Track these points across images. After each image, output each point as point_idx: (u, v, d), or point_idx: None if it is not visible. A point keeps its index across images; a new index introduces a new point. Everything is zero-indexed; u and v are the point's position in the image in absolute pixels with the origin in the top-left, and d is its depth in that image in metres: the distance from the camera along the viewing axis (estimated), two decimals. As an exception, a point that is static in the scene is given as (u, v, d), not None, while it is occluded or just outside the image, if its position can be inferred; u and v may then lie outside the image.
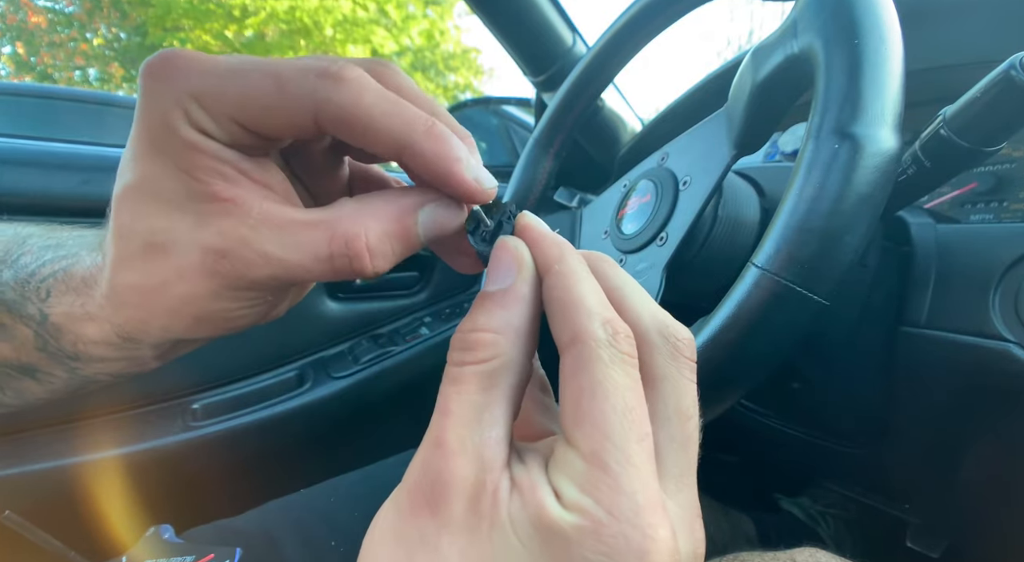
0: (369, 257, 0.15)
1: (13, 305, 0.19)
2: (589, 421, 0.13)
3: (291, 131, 0.15)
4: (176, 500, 0.56)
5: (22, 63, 7.67)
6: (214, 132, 0.14)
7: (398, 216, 0.15)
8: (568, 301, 0.14)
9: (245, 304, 0.16)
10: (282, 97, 0.14)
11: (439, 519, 0.13)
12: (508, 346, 0.14)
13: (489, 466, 0.13)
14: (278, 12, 7.46)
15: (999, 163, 0.39)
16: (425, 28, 8.48)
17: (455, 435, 0.13)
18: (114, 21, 7.92)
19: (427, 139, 0.14)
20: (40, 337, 0.19)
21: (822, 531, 0.57)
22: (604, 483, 0.12)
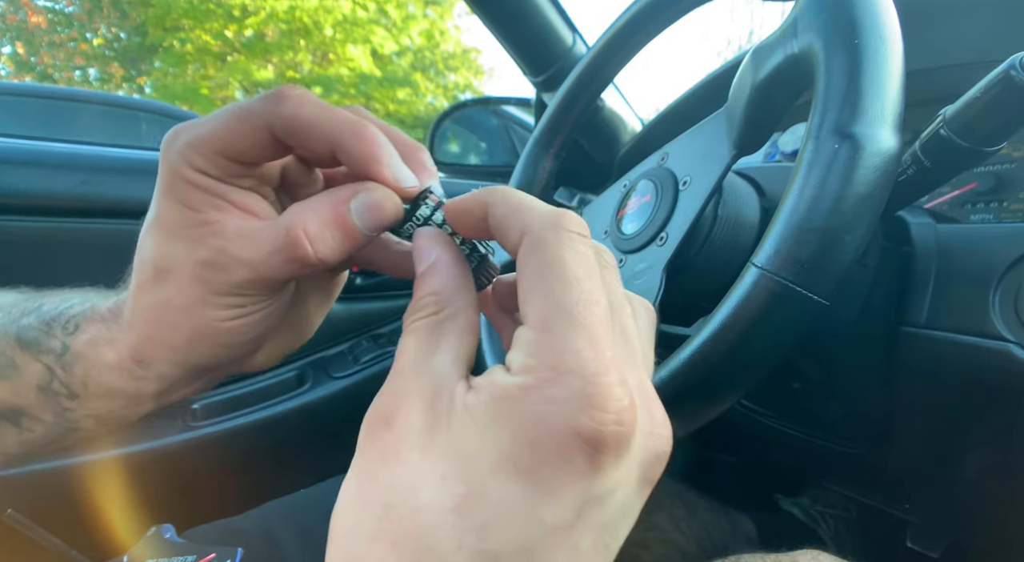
0: (309, 243, 0.17)
1: (33, 343, 0.21)
2: (538, 294, 0.14)
3: (260, 148, 0.18)
4: (176, 500, 0.56)
5: (22, 63, 7.67)
6: (208, 169, 0.18)
7: (332, 205, 0.18)
8: (510, 209, 0.15)
9: (232, 310, 0.19)
10: (246, 122, 0.17)
11: (396, 431, 0.14)
12: (448, 300, 0.16)
13: (443, 376, 0.14)
14: (278, 12, 7.46)
15: (999, 163, 0.39)
16: (425, 28, 8.49)
17: (409, 363, 0.15)
18: (114, 21, 7.92)
19: (353, 139, 0.17)
20: (49, 371, 0.21)
21: (822, 531, 0.57)
22: (549, 343, 0.13)
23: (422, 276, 0.17)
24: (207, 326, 0.19)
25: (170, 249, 0.18)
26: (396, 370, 0.15)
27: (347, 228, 0.18)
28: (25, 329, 0.21)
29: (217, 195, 0.18)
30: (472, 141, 1.12)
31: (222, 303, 0.19)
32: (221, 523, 0.40)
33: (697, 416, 0.26)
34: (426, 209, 0.19)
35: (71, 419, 0.21)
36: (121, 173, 0.63)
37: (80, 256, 0.60)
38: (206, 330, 0.19)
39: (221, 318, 0.19)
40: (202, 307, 0.19)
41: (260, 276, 0.18)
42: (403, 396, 0.14)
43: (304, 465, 0.69)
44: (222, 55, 7.92)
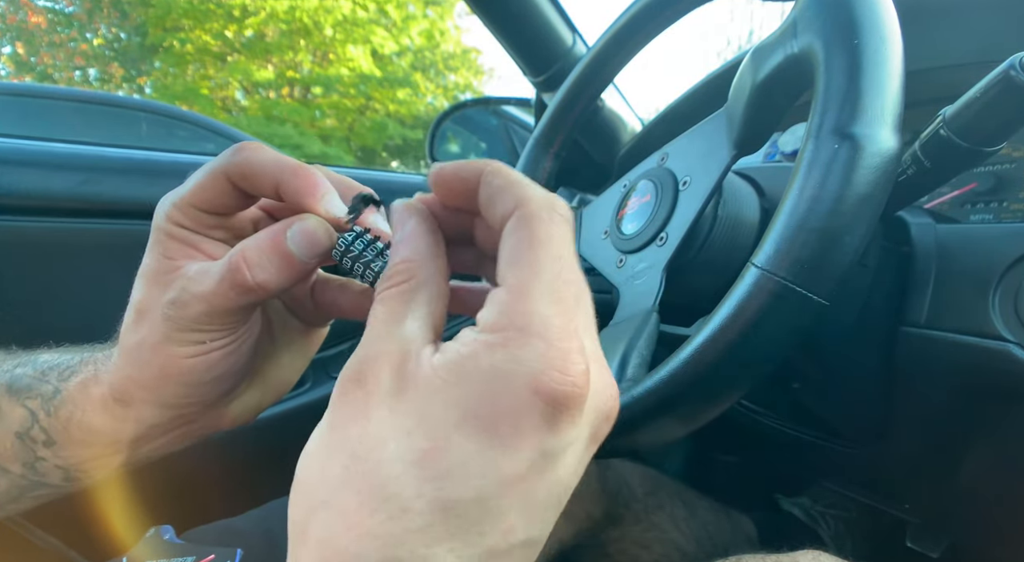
0: (247, 268, 0.19)
1: (24, 389, 0.23)
2: (523, 262, 0.14)
3: (223, 197, 0.20)
4: (176, 500, 0.56)
5: (22, 63, 7.67)
6: (184, 222, 0.21)
7: (271, 233, 0.20)
8: (507, 182, 0.16)
9: (193, 347, 0.21)
10: (209, 174, 0.20)
11: (366, 390, 0.14)
12: (418, 269, 0.16)
13: (411, 340, 0.15)
14: (278, 12, 7.46)
15: (999, 163, 0.39)
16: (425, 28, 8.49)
17: (379, 329, 0.15)
18: (114, 21, 7.92)
19: (291, 176, 0.19)
20: (32, 416, 0.22)
21: (822, 531, 0.57)
22: (521, 306, 0.14)
23: (395, 246, 0.17)
24: (172, 363, 0.21)
25: (148, 293, 0.21)
26: (368, 335, 0.16)
27: (283, 254, 0.19)
28: (18, 377, 0.23)
29: (190, 245, 0.21)
30: (472, 141, 1.12)
31: (184, 339, 0.20)
32: (220, 524, 0.40)
33: (697, 416, 0.26)
34: (360, 239, 0.20)
35: (40, 471, 0.23)
36: (121, 173, 0.63)
37: (80, 256, 0.60)
38: (171, 367, 0.21)
39: (183, 354, 0.21)
40: (167, 344, 0.20)
41: (213, 308, 0.20)
42: (373, 359, 0.15)
43: (304, 465, 0.69)
44: (222, 55, 7.92)
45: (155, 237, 0.21)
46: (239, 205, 0.21)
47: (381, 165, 9.36)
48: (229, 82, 8.07)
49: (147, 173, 0.64)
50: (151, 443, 0.23)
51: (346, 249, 0.20)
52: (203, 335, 0.20)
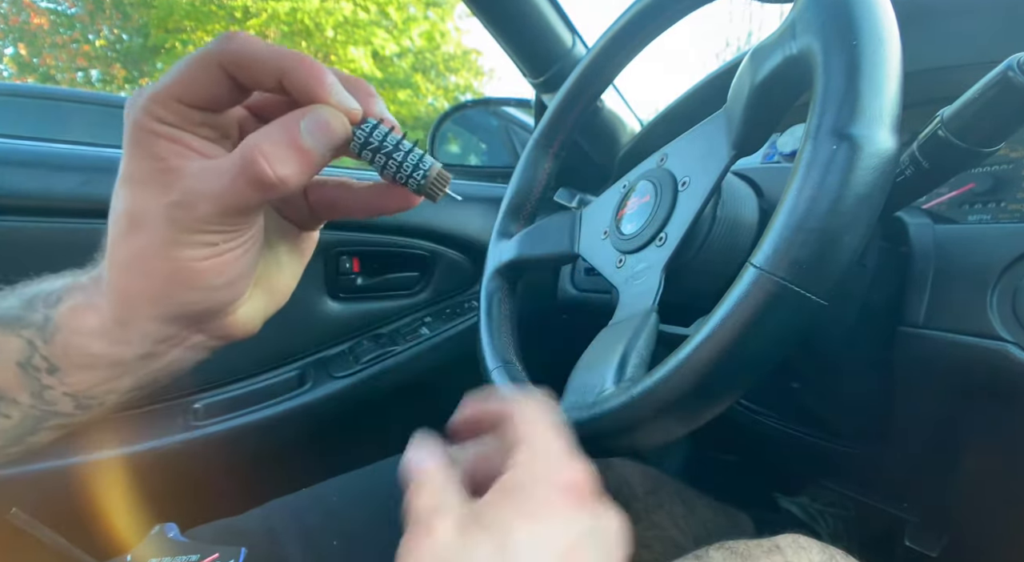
0: (266, 162, 0.18)
1: (14, 320, 0.21)
2: None
3: (213, 89, 0.19)
4: (178, 499, 0.56)
5: (25, 64, 7.68)
6: (168, 117, 0.19)
7: (284, 126, 0.18)
8: None
9: (205, 249, 0.19)
10: (198, 64, 0.18)
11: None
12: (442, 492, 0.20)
13: None
14: (279, 14, 7.46)
15: (997, 164, 0.39)
16: (426, 30, 8.49)
17: None
18: (116, 22, 7.93)
19: (297, 65, 0.18)
20: (30, 345, 0.21)
21: (821, 529, 0.57)
22: None
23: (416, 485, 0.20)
24: (182, 268, 0.19)
25: (141, 198, 0.19)
26: None
27: (299, 147, 0.18)
28: (5, 309, 0.22)
29: (178, 142, 0.19)
30: (472, 142, 1.12)
31: (194, 241, 0.19)
32: (223, 522, 0.40)
33: (696, 416, 0.26)
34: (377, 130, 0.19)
35: (49, 400, 0.21)
36: (123, 174, 0.63)
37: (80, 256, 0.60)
38: (181, 273, 0.19)
39: (195, 257, 0.19)
40: (175, 248, 0.19)
41: (227, 206, 0.19)
42: None
43: (306, 464, 0.69)
44: (223, 56, 7.92)
45: (135, 136, 0.19)
46: (230, 99, 0.20)
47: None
48: (230, 83, 8.06)
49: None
50: (159, 360, 0.22)
51: (365, 141, 0.20)
52: (214, 236, 0.19)
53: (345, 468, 0.48)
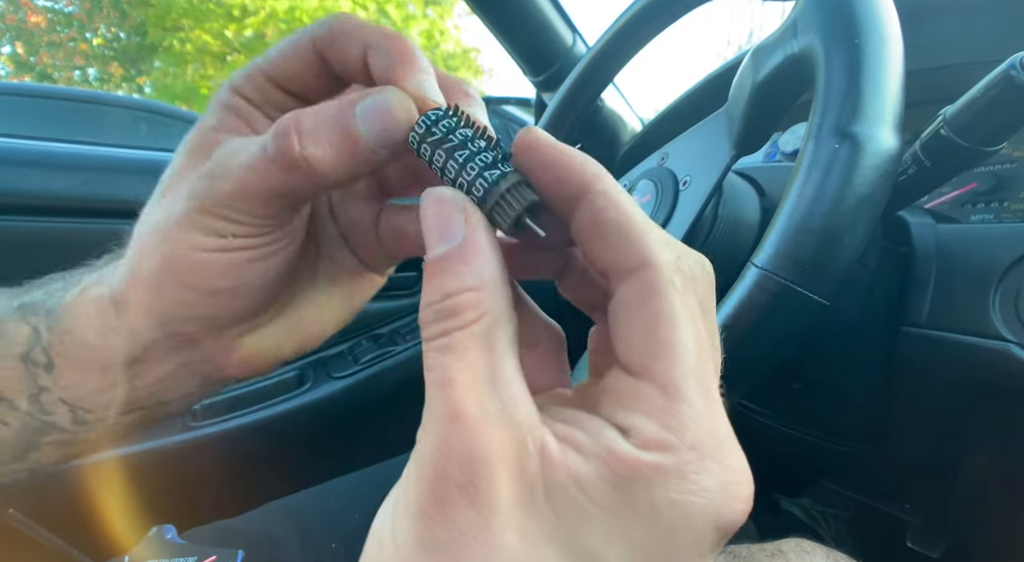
0: (296, 135, 0.15)
1: (30, 306, 0.20)
2: (668, 351, 0.11)
3: (301, 66, 0.17)
4: (177, 500, 0.56)
5: (21, 63, 7.67)
6: (250, 94, 0.18)
7: (337, 104, 0.15)
8: (627, 223, 0.12)
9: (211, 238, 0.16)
10: (291, 41, 0.17)
11: (482, 505, 0.11)
12: (492, 299, 0.12)
13: (525, 425, 0.11)
14: (278, 12, 7.45)
15: (999, 163, 0.39)
16: (425, 28, 8.48)
17: (472, 403, 0.11)
18: (114, 21, 7.91)
19: (385, 39, 0.16)
20: (35, 334, 0.19)
21: (822, 531, 0.57)
22: (687, 416, 0.11)
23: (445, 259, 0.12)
24: (180, 254, 0.17)
25: (182, 165, 0.17)
26: (454, 412, 0.11)
27: (345, 128, 0.15)
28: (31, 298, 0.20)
29: (244, 118, 0.18)
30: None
31: (203, 225, 0.16)
32: (221, 524, 0.40)
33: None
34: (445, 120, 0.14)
35: (46, 406, 0.20)
36: (121, 173, 0.63)
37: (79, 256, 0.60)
38: (178, 258, 0.17)
39: (196, 245, 0.16)
40: (183, 229, 0.16)
41: (246, 188, 0.16)
42: (480, 456, 0.11)
43: (305, 465, 0.69)
44: (222, 55, 7.91)
45: (210, 109, 0.18)
46: (319, 85, 0.17)
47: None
48: (229, 82, 8.06)
49: (147, 173, 0.63)
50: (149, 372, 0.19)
51: (427, 130, 0.14)
52: (226, 225, 0.16)
53: (344, 469, 0.48)
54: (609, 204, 0.12)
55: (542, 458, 0.11)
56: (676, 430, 0.11)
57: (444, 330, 0.12)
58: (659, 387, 0.11)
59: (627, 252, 0.12)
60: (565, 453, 0.11)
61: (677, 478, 0.11)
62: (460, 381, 0.11)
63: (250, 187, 0.16)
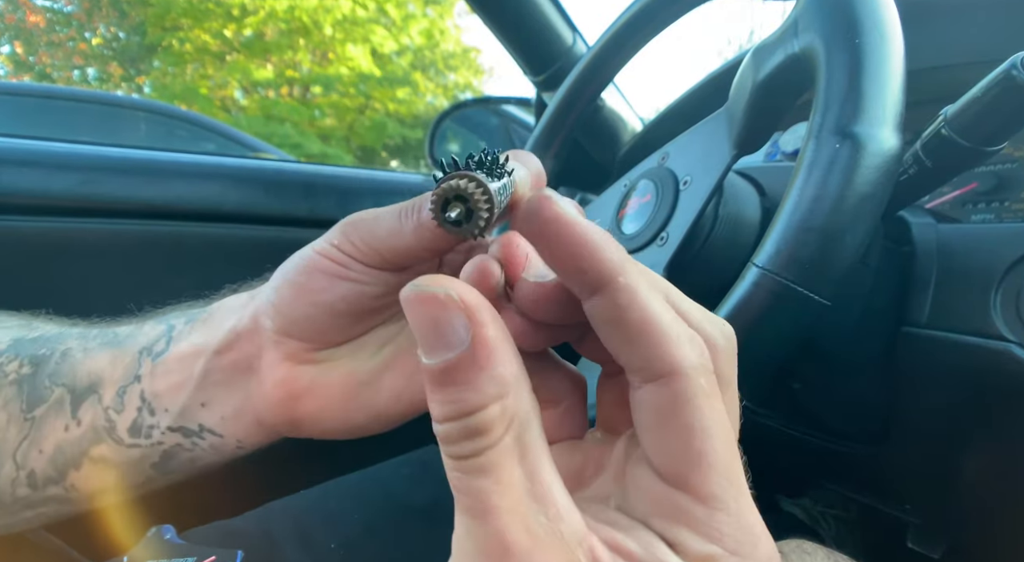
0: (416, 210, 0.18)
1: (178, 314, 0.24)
2: (704, 462, 0.11)
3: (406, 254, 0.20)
4: (175, 500, 0.56)
5: (21, 63, 7.66)
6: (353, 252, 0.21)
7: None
8: (653, 325, 0.12)
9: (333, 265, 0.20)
10: None
11: None
12: (517, 403, 0.11)
13: (573, 538, 0.11)
14: (277, 11, 7.45)
15: (1000, 163, 0.39)
16: (425, 27, 8.47)
17: (518, 529, 0.10)
18: (113, 20, 7.91)
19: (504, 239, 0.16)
20: (169, 330, 0.23)
21: (823, 531, 0.57)
22: (727, 524, 0.11)
23: (456, 370, 0.11)
24: (304, 253, 0.20)
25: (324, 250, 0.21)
26: (502, 546, 0.10)
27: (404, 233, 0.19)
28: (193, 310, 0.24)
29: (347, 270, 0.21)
30: (472, 141, 1.12)
31: (330, 237, 0.20)
32: (220, 524, 0.40)
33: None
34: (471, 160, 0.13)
35: (123, 402, 0.23)
36: (120, 173, 0.62)
37: (79, 256, 0.60)
38: (299, 257, 0.21)
39: (316, 248, 0.20)
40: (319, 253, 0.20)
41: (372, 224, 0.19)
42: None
43: (304, 466, 0.69)
44: (221, 54, 7.91)
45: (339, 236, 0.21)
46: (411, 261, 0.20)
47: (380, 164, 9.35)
48: (228, 81, 8.06)
49: (146, 173, 0.63)
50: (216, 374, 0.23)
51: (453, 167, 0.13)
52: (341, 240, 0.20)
53: (344, 470, 0.47)
54: (633, 303, 0.12)
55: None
56: (719, 541, 0.11)
57: (475, 449, 0.11)
58: (699, 500, 0.12)
59: (652, 357, 0.12)
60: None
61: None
62: (501, 507, 0.10)
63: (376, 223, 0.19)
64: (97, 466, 0.23)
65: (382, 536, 0.38)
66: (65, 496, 0.24)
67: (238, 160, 0.76)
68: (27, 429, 0.23)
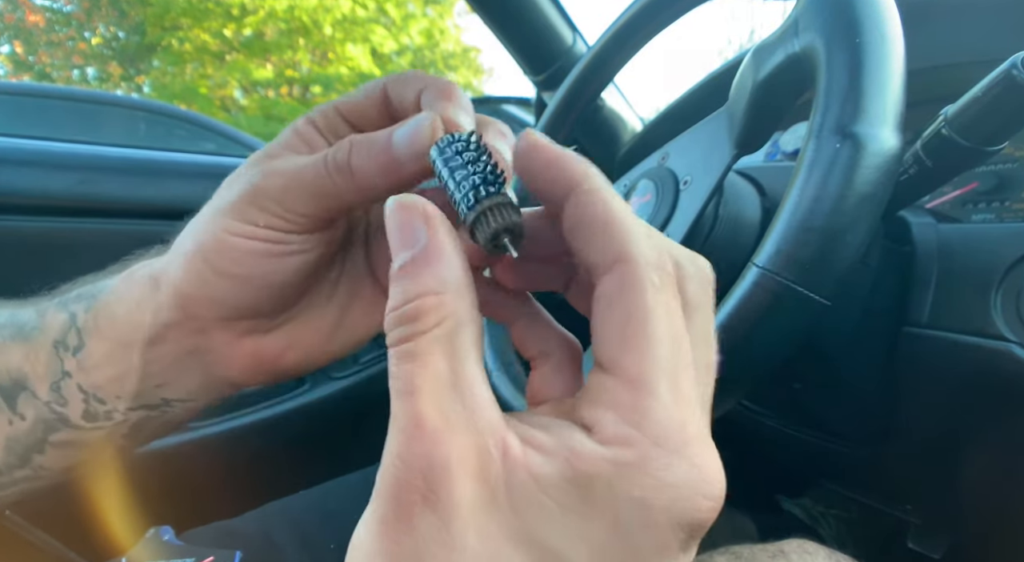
0: (348, 148, 0.18)
1: (71, 299, 0.22)
2: (638, 345, 0.11)
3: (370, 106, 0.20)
4: (175, 501, 0.56)
5: (20, 62, 7.65)
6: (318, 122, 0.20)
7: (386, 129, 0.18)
8: (609, 218, 0.12)
9: (246, 226, 0.18)
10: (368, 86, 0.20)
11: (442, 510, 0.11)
12: (455, 303, 0.12)
13: (486, 428, 0.11)
14: (277, 11, 7.45)
15: (1001, 163, 0.39)
16: (425, 27, 8.47)
17: (434, 410, 0.11)
18: (112, 20, 7.90)
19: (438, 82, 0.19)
20: (71, 320, 0.21)
21: (823, 531, 0.57)
22: (652, 410, 0.11)
23: (409, 263, 0.12)
24: (211, 234, 0.19)
25: (243, 167, 0.20)
26: (416, 420, 0.11)
27: (384, 144, 0.17)
28: (77, 292, 0.22)
29: (308, 142, 0.20)
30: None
31: (239, 211, 0.18)
32: (219, 525, 0.40)
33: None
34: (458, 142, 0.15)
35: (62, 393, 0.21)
36: (119, 173, 0.62)
37: (78, 255, 0.60)
38: (208, 238, 0.19)
39: (228, 229, 0.18)
40: (221, 213, 0.19)
41: (292, 184, 0.18)
42: (440, 462, 0.11)
43: (303, 466, 0.69)
44: (221, 54, 7.91)
45: (281, 133, 0.20)
46: (379, 121, 0.20)
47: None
48: (228, 81, 8.06)
49: (146, 173, 0.63)
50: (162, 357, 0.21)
51: (441, 149, 0.15)
52: (259, 214, 0.18)
53: (343, 470, 0.47)
54: (594, 199, 0.13)
55: (504, 460, 0.11)
56: (639, 425, 0.11)
57: (406, 335, 0.12)
58: (626, 381, 0.11)
59: (608, 247, 0.12)
60: (527, 454, 0.11)
61: (638, 473, 0.11)
62: (423, 389, 0.11)
63: (297, 183, 0.18)
64: (61, 449, 0.22)
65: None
66: (36, 476, 0.23)
67: (238, 160, 0.76)
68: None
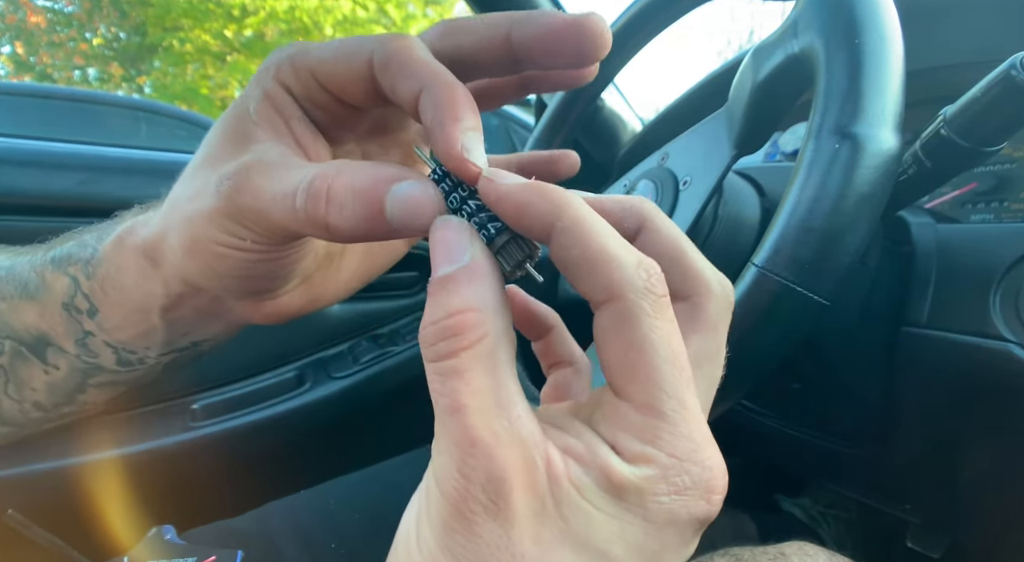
0: (325, 202, 0.15)
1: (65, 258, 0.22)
2: (641, 375, 0.13)
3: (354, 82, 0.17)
4: (176, 500, 0.56)
5: (21, 63, 7.66)
6: (293, 86, 0.17)
7: (371, 177, 0.15)
8: (593, 257, 0.13)
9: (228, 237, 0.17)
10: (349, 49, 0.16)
11: (502, 519, 0.12)
12: (493, 320, 0.13)
13: (530, 441, 0.12)
14: (277, 12, 7.45)
15: (1000, 163, 0.39)
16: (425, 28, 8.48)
17: (484, 428, 0.12)
18: (113, 21, 7.91)
19: (442, 88, 0.15)
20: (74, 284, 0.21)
21: (823, 531, 0.57)
22: (663, 430, 0.13)
23: (450, 280, 0.13)
24: (202, 242, 0.18)
25: (218, 150, 0.18)
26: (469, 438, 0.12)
27: (376, 208, 0.15)
28: (63, 250, 0.22)
29: (283, 115, 0.18)
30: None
31: (225, 226, 0.17)
32: (220, 524, 0.40)
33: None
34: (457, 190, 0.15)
35: (91, 350, 0.22)
36: (120, 173, 0.62)
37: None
38: (200, 245, 0.18)
39: (217, 240, 0.17)
40: (207, 222, 0.17)
41: (268, 217, 0.16)
42: (498, 476, 0.12)
43: (304, 466, 0.69)
44: (222, 55, 7.91)
45: (252, 89, 0.18)
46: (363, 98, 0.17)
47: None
48: (229, 82, 8.06)
49: (146, 173, 0.63)
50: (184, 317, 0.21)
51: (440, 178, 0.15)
52: (246, 232, 0.17)
53: (344, 469, 0.47)
54: (572, 242, 0.13)
55: (548, 471, 0.12)
56: (654, 443, 0.13)
57: (449, 351, 0.12)
58: (636, 408, 0.13)
59: (596, 284, 0.13)
60: (567, 465, 0.13)
61: (663, 485, 0.13)
62: (471, 407, 0.12)
63: (272, 219, 0.16)
64: (103, 388, 0.23)
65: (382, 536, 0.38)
66: (81, 410, 0.24)
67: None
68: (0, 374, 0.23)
